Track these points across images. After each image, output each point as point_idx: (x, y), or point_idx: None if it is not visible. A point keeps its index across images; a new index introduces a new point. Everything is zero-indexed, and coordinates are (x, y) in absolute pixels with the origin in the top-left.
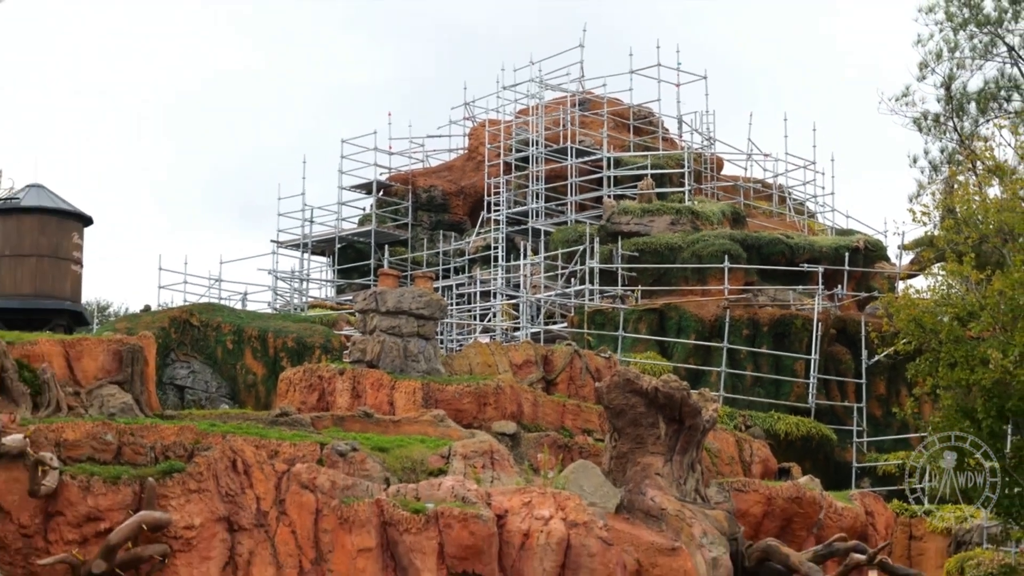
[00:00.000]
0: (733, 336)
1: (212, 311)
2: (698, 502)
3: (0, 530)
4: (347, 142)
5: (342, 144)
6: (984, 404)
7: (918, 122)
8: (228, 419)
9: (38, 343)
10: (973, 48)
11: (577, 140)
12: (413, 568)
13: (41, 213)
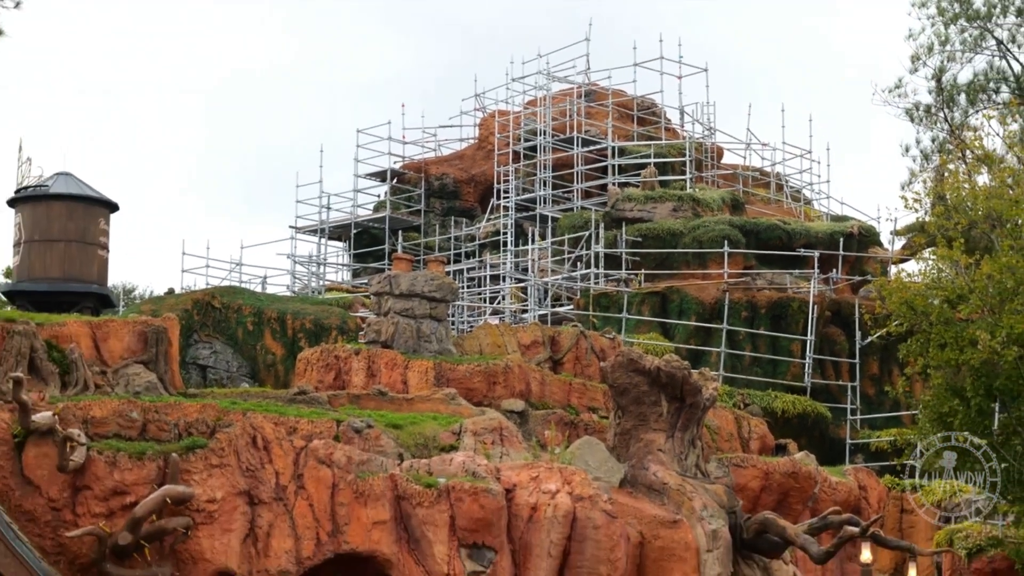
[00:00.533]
0: (732, 318)
1: (233, 294)
2: (698, 477)
3: (30, 503)
4: (362, 132)
5: (358, 134)
6: (973, 383)
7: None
8: (248, 397)
9: (66, 324)
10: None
11: (583, 130)
12: (426, 540)
13: (69, 200)
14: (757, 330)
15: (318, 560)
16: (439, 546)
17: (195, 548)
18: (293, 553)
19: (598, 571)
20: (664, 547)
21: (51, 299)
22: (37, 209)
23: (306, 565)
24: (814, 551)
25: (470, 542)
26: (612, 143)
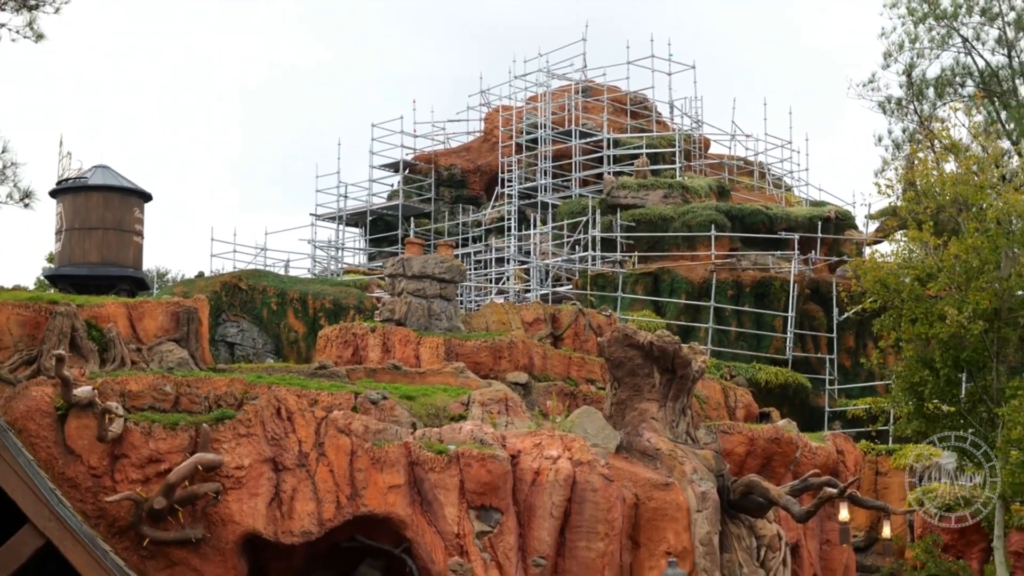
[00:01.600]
0: (719, 296)
1: (258, 276)
2: (689, 443)
3: (72, 471)
4: (377, 126)
5: (372, 128)
6: (941, 355)
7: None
8: (273, 372)
9: (104, 305)
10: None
11: (580, 123)
12: (437, 503)
13: (106, 191)
14: (742, 307)
15: (338, 522)
16: (450, 508)
17: (224, 511)
18: (315, 515)
19: (596, 530)
20: (657, 508)
21: (90, 282)
22: (77, 199)
23: (327, 526)
24: (796, 511)
25: (478, 504)
26: (607, 135)
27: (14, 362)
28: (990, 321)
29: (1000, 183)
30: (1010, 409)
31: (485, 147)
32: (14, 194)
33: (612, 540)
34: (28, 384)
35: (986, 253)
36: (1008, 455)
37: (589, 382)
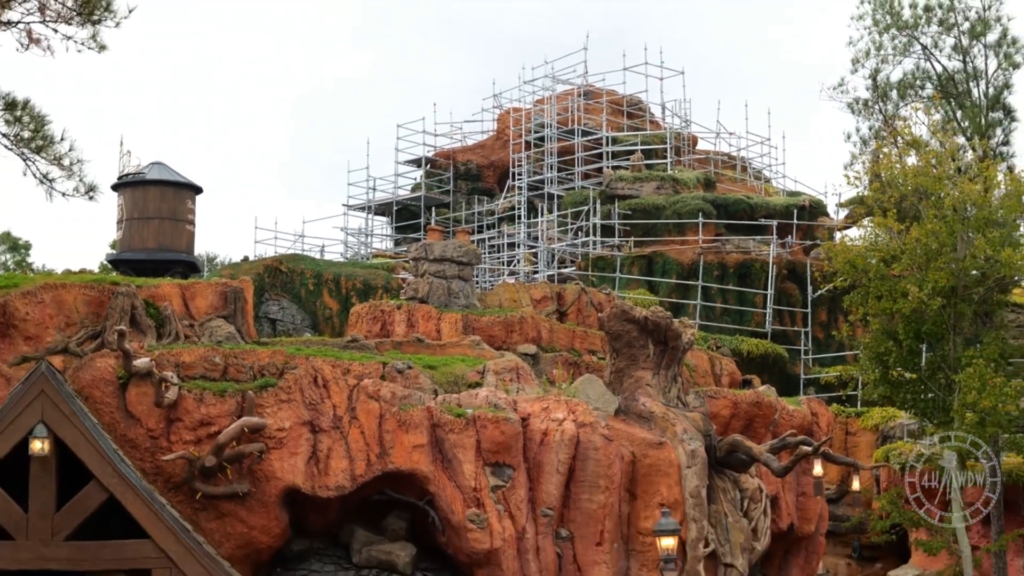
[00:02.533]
0: (706, 276)
1: (297, 260)
2: (679, 406)
3: (132, 433)
4: (402, 127)
5: (397, 128)
6: (904, 328)
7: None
8: (310, 344)
9: (160, 286)
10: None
11: (582, 123)
12: (456, 460)
13: (162, 185)
14: (726, 286)
15: (368, 477)
16: (467, 465)
17: (268, 468)
18: (348, 472)
19: (598, 485)
20: (652, 464)
21: (148, 266)
22: (136, 193)
23: (359, 481)
24: (775, 466)
25: (493, 461)
26: (606, 134)
27: (81, 337)
28: (947, 297)
29: (956, 175)
30: (965, 376)
31: (497, 145)
32: (80, 188)
33: (612, 493)
34: (93, 356)
35: (944, 237)
36: (964, 417)
37: (591, 353)
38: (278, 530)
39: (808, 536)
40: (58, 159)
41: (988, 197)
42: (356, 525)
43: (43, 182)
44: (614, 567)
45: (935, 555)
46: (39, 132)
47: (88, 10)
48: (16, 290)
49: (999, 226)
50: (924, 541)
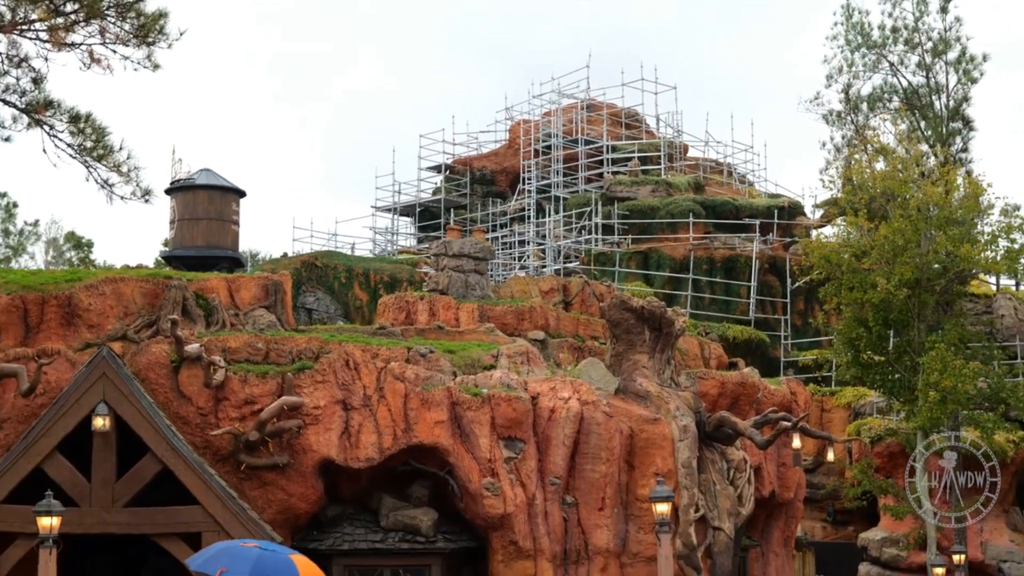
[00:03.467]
0: (696, 270)
1: (330, 256)
2: (672, 386)
3: (184, 411)
4: (423, 136)
5: (420, 138)
6: (874, 316)
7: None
8: (343, 332)
9: (209, 280)
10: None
11: (585, 133)
12: (473, 434)
13: (209, 189)
14: (714, 279)
15: (395, 450)
16: (483, 439)
17: (305, 442)
18: (377, 445)
19: (600, 456)
20: (648, 438)
21: (197, 262)
22: (186, 196)
23: (386, 454)
24: (758, 440)
25: (506, 435)
26: (606, 143)
27: (137, 325)
28: (912, 288)
29: (920, 179)
30: (928, 359)
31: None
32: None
33: (612, 464)
34: (149, 342)
35: (909, 234)
36: (927, 395)
37: (593, 338)
38: (314, 497)
39: (788, 502)
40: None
41: (949, 199)
42: (384, 493)
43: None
44: (614, 530)
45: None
46: (100, 142)
47: (144, 33)
48: (80, 283)
49: (958, 224)
50: (892, 506)
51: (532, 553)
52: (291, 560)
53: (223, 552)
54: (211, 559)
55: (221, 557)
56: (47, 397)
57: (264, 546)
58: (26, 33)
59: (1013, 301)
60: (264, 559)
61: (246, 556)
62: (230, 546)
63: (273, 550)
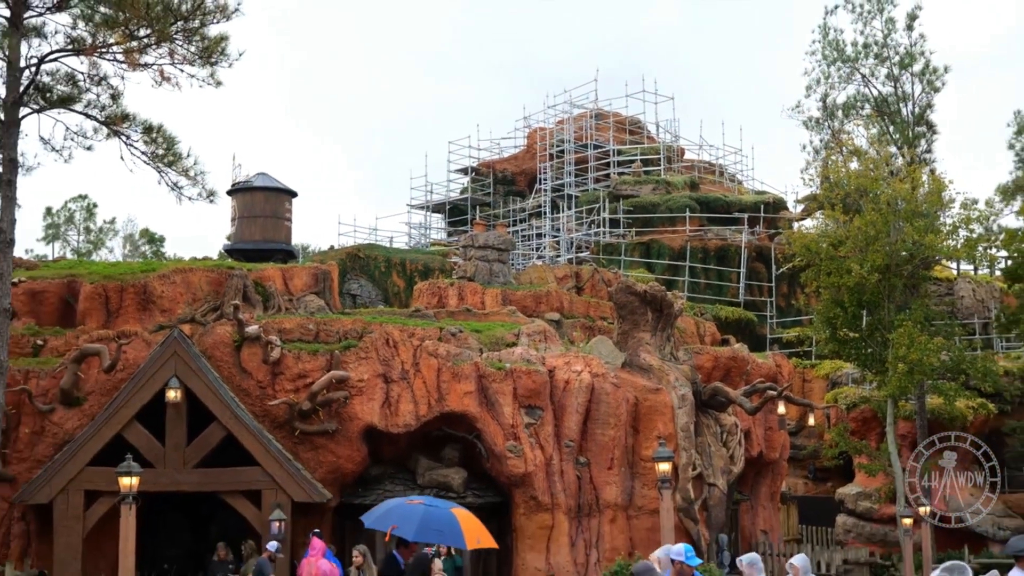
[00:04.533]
0: (692, 258)
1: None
2: (672, 360)
3: (246, 384)
4: (452, 143)
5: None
6: (849, 297)
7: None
8: (383, 314)
9: (266, 269)
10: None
11: (593, 139)
12: (498, 403)
13: (266, 190)
14: (708, 266)
15: (429, 417)
16: (507, 407)
17: (351, 411)
18: (413, 413)
19: (608, 422)
20: (651, 405)
21: (255, 254)
22: (245, 196)
23: (422, 420)
24: (747, 406)
25: (526, 404)
26: (613, 147)
27: (204, 309)
28: (882, 273)
29: (889, 176)
30: (897, 335)
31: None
32: (202, 193)
33: (619, 428)
34: (214, 324)
35: (880, 226)
36: (896, 367)
37: (602, 319)
38: (359, 458)
39: (774, 461)
40: (185, 171)
41: (914, 194)
42: (420, 454)
43: (173, 189)
44: (622, 486)
45: (874, 476)
46: (170, 150)
47: (207, 55)
48: (154, 274)
49: (923, 217)
50: (865, 464)
51: (550, 507)
52: (453, 514)
53: (392, 510)
54: (382, 517)
55: (391, 515)
56: (126, 373)
57: (428, 502)
58: (105, 55)
59: (971, 284)
60: (429, 514)
61: (413, 513)
62: (398, 504)
63: (436, 506)
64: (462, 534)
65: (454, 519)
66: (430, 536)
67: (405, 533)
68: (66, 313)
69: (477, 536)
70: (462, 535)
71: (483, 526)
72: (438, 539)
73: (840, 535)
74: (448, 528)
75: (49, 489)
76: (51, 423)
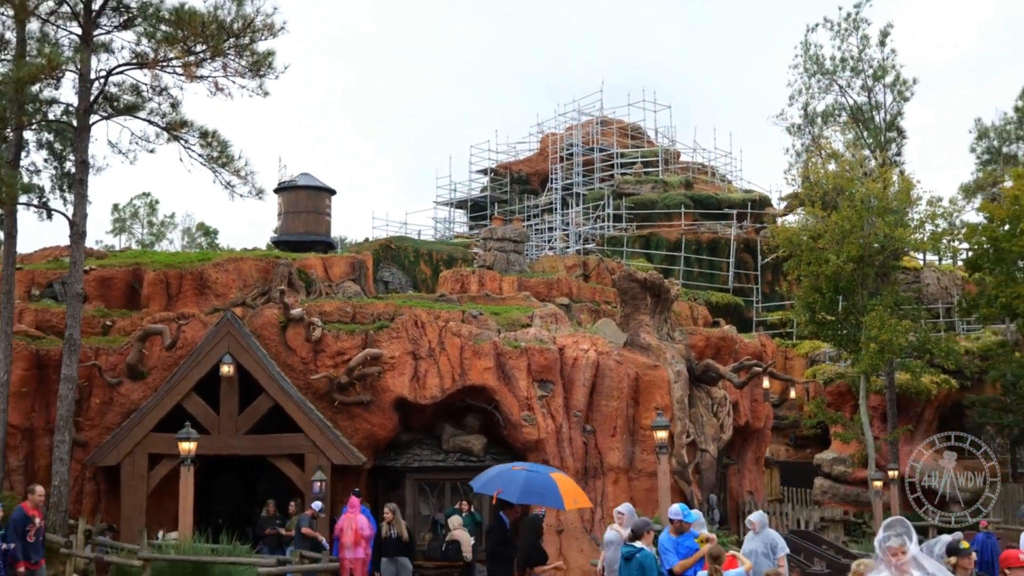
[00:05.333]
0: (686, 249)
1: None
2: (668, 340)
3: (291, 360)
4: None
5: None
6: (826, 285)
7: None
8: (412, 299)
9: (308, 259)
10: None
11: (599, 143)
12: (514, 377)
13: (308, 189)
14: (701, 256)
15: (453, 390)
16: (522, 381)
17: (384, 384)
18: (439, 386)
19: (612, 394)
20: (649, 380)
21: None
22: (290, 194)
23: (446, 392)
24: (735, 381)
25: (539, 378)
26: (616, 150)
27: (254, 294)
28: (857, 263)
29: (863, 177)
30: (869, 318)
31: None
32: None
33: (622, 400)
34: (263, 307)
35: (854, 221)
36: (869, 347)
37: (607, 303)
38: (391, 426)
39: (759, 430)
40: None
41: (885, 193)
42: (445, 423)
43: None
44: (623, 451)
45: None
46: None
47: (257, 68)
48: (209, 262)
49: (893, 213)
50: (840, 433)
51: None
52: (552, 479)
53: (498, 475)
54: (489, 482)
55: (496, 480)
56: (185, 350)
57: (530, 468)
58: (166, 68)
59: (936, 273)
60: (531, 479)
61: (516, 478)
62: (503, 470)
63: (537, 471)
64: (561, 496)
65: (553, 483)
66: (532, 498)
67: (510, 496)
68: (132, 297)
69: (575, 498)
70: (561, 497)
71: (580, 489)
72: (539, 501)
73: (817, 496)
74: (548, 491)
75: (117, 453)
76: (119, 394)
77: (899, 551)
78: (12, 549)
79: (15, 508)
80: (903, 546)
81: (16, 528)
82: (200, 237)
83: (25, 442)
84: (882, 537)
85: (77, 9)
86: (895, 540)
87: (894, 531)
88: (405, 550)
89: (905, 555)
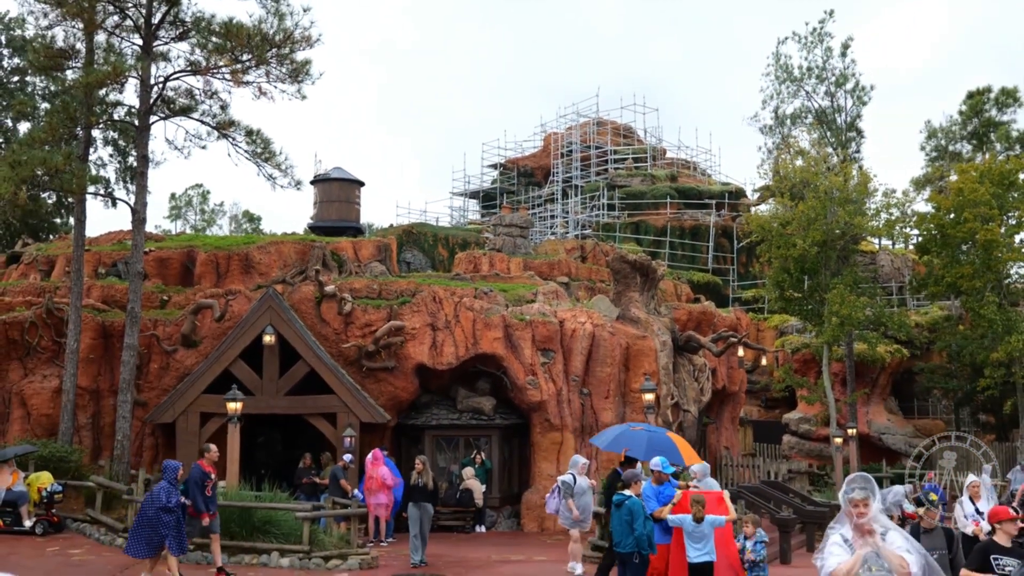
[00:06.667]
0: (671, 235)
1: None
2: (655, 314)
3: (324, 331)
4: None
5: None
6: (794, 265)
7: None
8: (431, 277)
9: (340, 242)
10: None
11: (595, 142)
12: (520, 347)
13: (340, 181)
14: (684, 240)
15: (467, 357)
16: (527, 350)
17: (406, 352)
18: (454, 354)
19: (606, 361)
20: (638, 349)
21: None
22: (324, 185)
23: (461, 359)
24: (714, 350)
25: (542, 347)
26: (610, 148)
27: (292, 273)
28: (820, 247)
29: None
30: (831, 296)
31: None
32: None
33: (614, 366)
34: (300, 285)
35: (818, 210)
36: (831, 320)
37: (601, 282)
38: (412, 389)
39: (734, 393)
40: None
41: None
42: (459, 386)
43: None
44: (616, 411)
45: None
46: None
47: (295, 75)
48: (253, 245)
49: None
50: (805, 396)
51: (560, 427)
52: (669, 438)
53: (621, 435)
54: (613, 441)
55: (621, 440)
56: (232, 322)
57: (648, 428)
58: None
59: (890, 256)
60: (652, 439)
61: (639, 437)
62: (624, 430)
63: (654, 431)
64: (680, 453)
65: (671, 441)
66: (655, 455)
67: (636, 454)
68: (186, 275)
69: (689, 454)
70: (680, 454)
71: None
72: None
73: (786, 451)
74: (669, 449)
75: (172, 411)
76: (174, 360)
77: (860, 503)
78: (189, 503)
79: (192, 466)
80: (866, 499)
81: (197, 483)
82: (246, 223)
83: (92, 402)
84: (845, 490)
85: (139, 23)
86: (859, 492)
87: (857, 484)
88: (431, 497)
89: (868, 508)
